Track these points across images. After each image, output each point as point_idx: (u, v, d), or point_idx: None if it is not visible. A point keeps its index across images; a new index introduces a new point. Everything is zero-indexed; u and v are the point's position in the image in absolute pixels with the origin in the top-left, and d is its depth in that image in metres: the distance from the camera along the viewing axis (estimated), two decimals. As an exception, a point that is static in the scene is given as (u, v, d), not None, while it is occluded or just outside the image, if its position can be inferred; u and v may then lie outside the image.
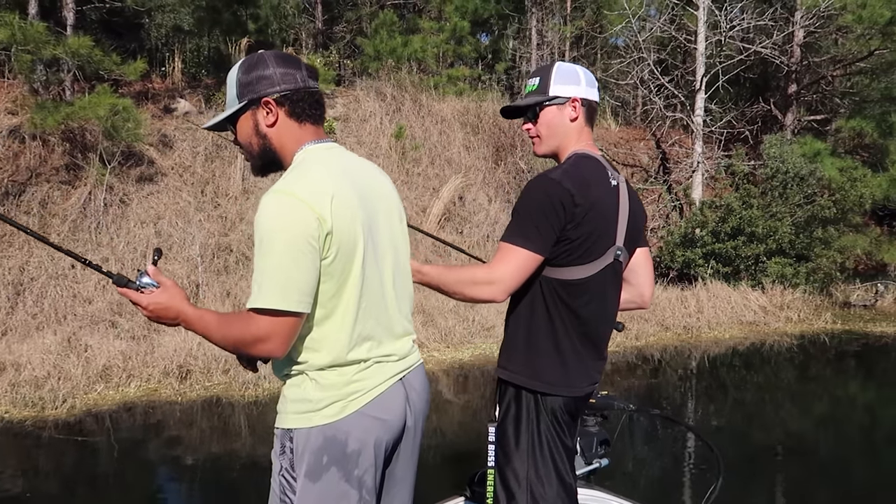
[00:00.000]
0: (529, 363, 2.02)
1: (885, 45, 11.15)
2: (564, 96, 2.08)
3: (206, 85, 11.90)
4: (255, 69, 1.71)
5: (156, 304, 1.67)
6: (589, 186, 1.96)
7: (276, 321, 1.56)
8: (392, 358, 1.76)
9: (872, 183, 10.98)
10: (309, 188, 1.59)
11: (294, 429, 1.67)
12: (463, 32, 14.52)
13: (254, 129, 1.74)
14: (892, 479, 4.68)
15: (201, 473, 4.66)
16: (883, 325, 9.54)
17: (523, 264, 1.93)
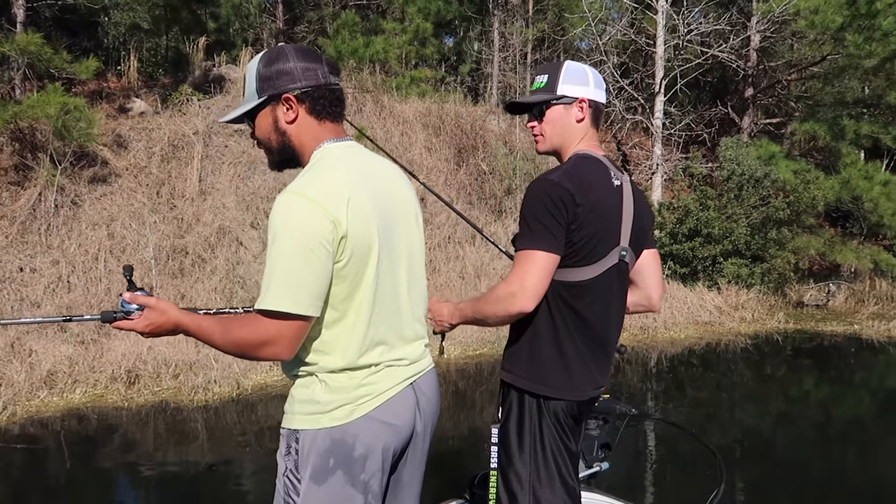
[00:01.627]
0: (533, 367, 2.00)
1: (836, 51, 11.39)
2: (572, 96, 2.05)
3: (163, 84, 11.72)
4: (275, 63, 1.68)
5: (151, 324, 1.66)
6: (590, 187, 1.94)
7: (283, 324, 1.53)
8: (403, 362, 1.74)
9: (825, 185, 11.21)
10: (324, 190, 1.56)
11: (300, 430, 1.65)
12: (426, 34, 14.50)
13: (273, 126, 1.71)
14: (844, 475, 4.77)
15: (146, 480, 4.57)
16: (834, 325, 9.74)
17: (542, 267, 1.90)
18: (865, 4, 10.31)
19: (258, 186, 10.49)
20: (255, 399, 6.04)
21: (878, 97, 11.49)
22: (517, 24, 16.29)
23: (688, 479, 4.63)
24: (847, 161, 11.65)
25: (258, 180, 10.58)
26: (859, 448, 5.41)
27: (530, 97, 2.11)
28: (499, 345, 8.15)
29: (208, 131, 10.76)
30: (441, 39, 16.13)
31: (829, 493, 4.44)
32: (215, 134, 10.85)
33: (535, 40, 16.63)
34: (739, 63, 13.44)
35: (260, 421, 5.63)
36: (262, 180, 10.60)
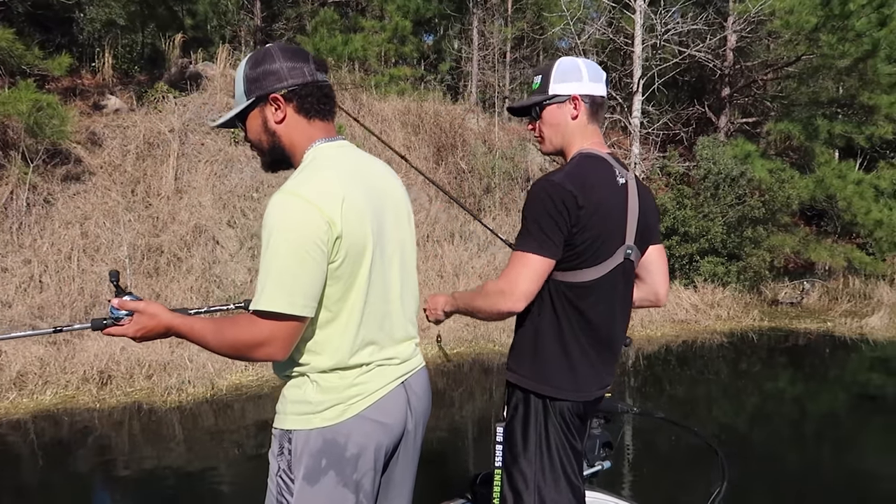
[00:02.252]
0: (537, 367, 2.00)
1: (811, 51, 11.51)
2: (564, 94, 2.04)
3: (139, 81, 11.59)
4: (261, 64, 1.69)
5: (142, 328, 1.66)
6: (593, 187, 1.93)
7: (278, 325, 1.53)
8: (394, 361, 1.74)
9: (800, 184, 11.34)
10: (319, 190, 1.56)
11: (293, 430, 1.65)
12: (405, 32, 14.45)
13: (262, 127, 1.72)
14: (819, 469, 4.83)
15: (119, 482, 4.51)
16: (807, 322, 9.86)
17: (535, 270, 1.91)
18: (839, 5, 10.43)
19: (235, 185, 10.41)
20: (230, 399, 5.99)
21: (852, 97, 11.63)
22: (497, 23, 16.30)
23: (690, 477, 4.64)
24: (821, 160, 11.78)
25: (235, 179, 10.51)
26: (833, 443, 5.48)
27: (525, 100, 2.12)
28: (475, 343, 8.16)
29: (184, 129, 10.66)
30: (420, 38, 16.10)
31: (804, 488, 4.49)
32: (191, 132, 10.75)
33: (515, 39, 16.64)
34: (716, 63, 13.55)
35: (235, 421, 5.59)
36: (239, 179, 10.52)
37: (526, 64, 17.03)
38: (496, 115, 13.85)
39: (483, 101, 15.67)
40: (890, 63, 10.87)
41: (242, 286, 9.37)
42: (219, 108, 11.31)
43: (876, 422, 6.19)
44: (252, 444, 5.17)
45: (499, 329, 8.43)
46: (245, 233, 9.97)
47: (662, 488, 4.48)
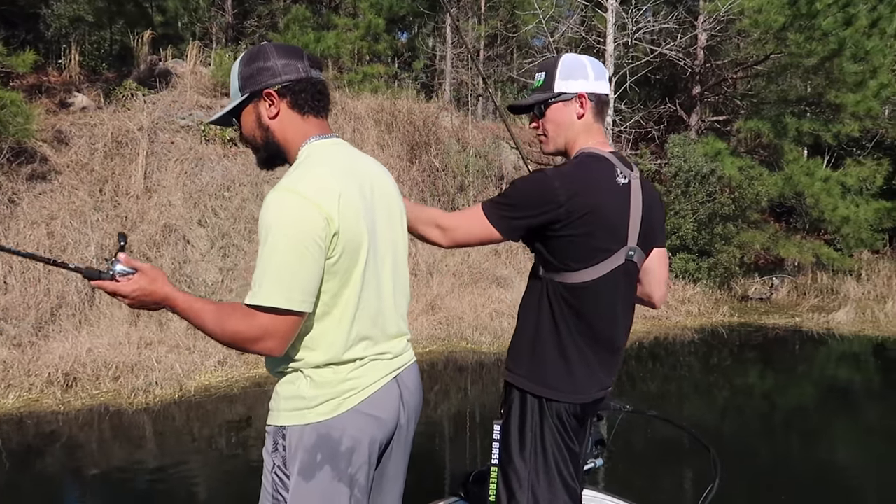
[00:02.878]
0: (535, 369, 1.98)
1: (779, 50, 11.66)
2: (570, 92, 2.00)
3: (107, 79, 11.42)
4: (255, 61, 1.71)
5: (140, 290, 1.64)
6: (588, 188, 1.90)
7: (277, 320, 1.54)
8: (387, 356, 1.75)
9: (769, 181, 11.48)
10: (316, 187, 1.58)
11: (287, 426, 1.65)
12: (378, 30, 14.41)
13: (256, 122, 1.74)
14: (789, 461, 4.89)
15: (85, 485, 4.45)
16: (776, 318, 10.00)
17: (480, 231, 1.93)
18: (806, 5, 10.57)
19: (206, 184, 10.30)
20: (199, 401, 5.93)
21: (819, 95, 11.80)
22: (470, 21, 16.31)
23: (682, 474, 4.68)
24: (790, 158, 11.94)
25: (206, 177, 10.39)
26: (802, 436, 5.58)
27: (529, 98, 2.06)
28: (448, 342, 8.16)
29: (154, 127, 10.52)
30: (394, 35, 16.05)
31: (774, 480, 4.55)
32: (161, 130, 10.61)
33: (488, 37, 16.66)
34: (687, 61, 13.67)
35: (205, 423, 5.54)
36: (210, 177, 10.42)
37: (499, 63, 17.06)
38: (470, 113, 13.86)
39: (457, 99, 15.67)
40: (855, 62, 11.04)
41: (214, 286, 9.28)
42: (189, 107, 11.19)
43: (843, 415, 6.29)
44: (222, 445, 5.12)
45: (472, 327, 8.44)
46: (216, 232, 9.88)
47: (654, 485, 4.50)
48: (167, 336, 7.02)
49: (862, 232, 11.75)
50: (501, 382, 2.11)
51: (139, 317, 7.67)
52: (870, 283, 11.60)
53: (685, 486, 4.45)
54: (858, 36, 10.66)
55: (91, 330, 6.94)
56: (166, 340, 6.93)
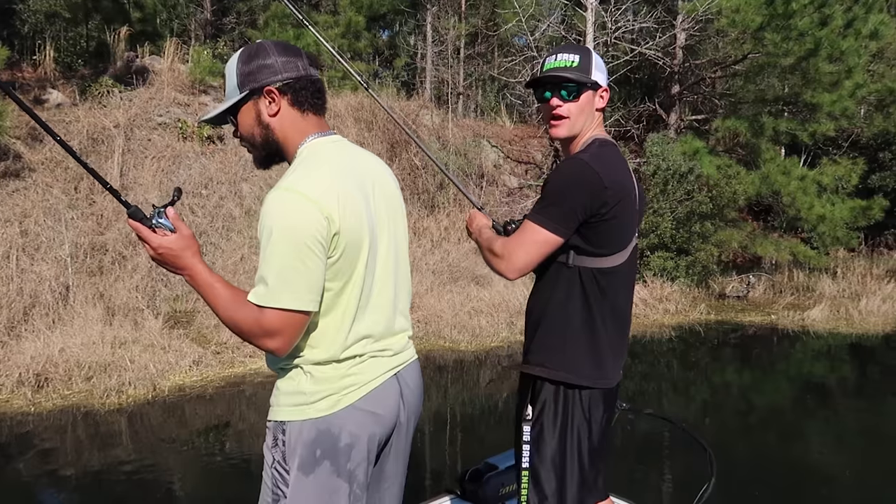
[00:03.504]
0: (570, 358, 1.98)
1: (756, 49, 11.74)
2: (601, 84, 2.05)
3: (82, 75, 11.29)
4: (255, 58, 1.69)
5: (167, 249, 1.62)
6: (617, 173, 1.95)
7: (284, 319, 1.55)
8: (387, 353, 1.75)
9: (746, 180, 11.57)
10: (317, 186, 1.57)
11: (287, 421, 1.66)
12: (358, 27, 14.36)
13: (256, 120, 1.72)
14: (765, 456, 4.92)
15: (58, 486, 4.39)
16: (752, 315, 10.08)
17: (541, 245, 1.90)
18: (782, 5, 10.66)
19: (183, 181, 10.22)
20: (173, 401, 5.88)
21: (796, 95, 11.89)
22: (452, 20, 16.29)
23: (678, 473, 4.67)
24: (767, 157, 12.03)
25: (183, 175, 10.32)
26: (779, 431, 5.62)
27: (570, 73, 1.99)
28: (427, 340, 8.15)
29: (130, 124, 10.43)
30: (375, 33, 16.01)
31: (750, 475, 4.58)
32: (138, 127, 10.52)
33: (469, 35, 16.65)
34: (666, 61, 13.75)
35: (179, 423, 5.49)
36: (188, 175, 10.34)
37: (480, 61, 17.06)
38: (450, 112, 13.85)
39: (437, 97, 15.64)
40: (831, 62, 11.15)
41: (191, 285, 9.21)
42: (166, 104, 11.10)
43: (819, 411, 6.36)
44: (196, 445, 5.08)
45: (450, 326, 8.44)
46: (193, 230, 9.78)
47: (651, 484, 4.50)
48: (142, 335, 6.95)
49: (837, 230, 11.87)
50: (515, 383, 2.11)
51: (113, 315, 7.59)
52: (845, 280, 11.72)
53: (679, 484, 4.46)
54: (834, 36, 10.76)
55: (64, 329, 6.86)
56: (140, 340, 6.87)
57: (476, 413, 6.10)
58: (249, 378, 6.54)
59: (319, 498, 1.66)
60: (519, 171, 14.14)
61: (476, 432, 5.54)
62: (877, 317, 9.87)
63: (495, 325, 8.59)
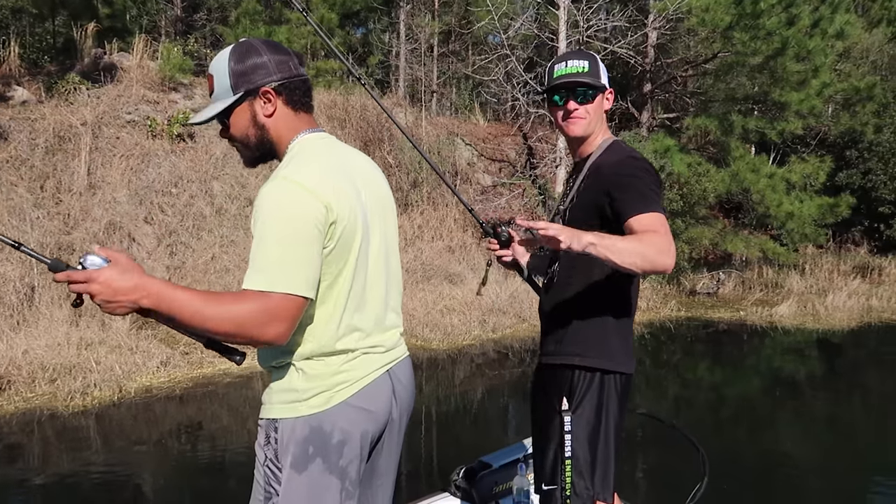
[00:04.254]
0: (609, 345, 2.07)
1: (726, 48, 11.87)
2: (608, 86, 2.18)
3: (49, 72, 11.10)
4: (248, 57, 1.66)
5: (106, 278, 1.42)
6: None
7: (284, 304, 1.50)
8: (379, 349, 1.74)
9: (716, 178, 11.69)
10: (314, 177, 1.57)
11: (279, 419, 1.65)
12: (331, 24, 14.27)
13: (251, 121, 1.69)
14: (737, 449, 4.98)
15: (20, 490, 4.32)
16: (721, 312, 10.21)
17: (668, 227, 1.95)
18: (750, 4, 10.78)
19: (153, 180, 10.10)
20: (140, 402, 5.81)
21: (765, 94, 12.04)
22: (426, 18, 16.26)
23: (670, 473, 4.68)
24: (736, 155, 12.17)
25: (152, 173, 10.19)
26: (750, 425, 5.71)
27: (585, 78, 2.10)
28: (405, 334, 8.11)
29: (98, 122, 10.27)
30: (348, 31, 15.93)
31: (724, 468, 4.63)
32: (106, 125, 10.37)
33: (442, 33, 16.64)
34: (638, 59, 13.84)
35: (145, 424, 5.43)
36: (157, 174, 10.21)
37: (454, 59, 17.05)
38: (424, 110, 13.83)
39: (411, 95, 15.61)
40: (798, 61, 11.31)
41: (160, 284, 9.10)
42: (135, 101, 10.95)
43: (787, 405, 6.45)
44: (164, 446, 5.03)
45: (422, 324, 8.43)
46: (163, 229, 9.69)
47: (644, 484, 4.52)
48: (109, 336, 6.86)
49: (806, 227, 12.04)
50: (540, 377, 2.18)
51: (80, 316, 7.48)
52: (812, 276, 11.91)
53: (670, 484, 4.47)
54: (801, 36, 10.91)
55: (29, 331, 6.75)
56: (108, 341, 6.78)
57: (451, 411, 6.11)
58: (218, 378, 6.48)
59: (312, 495, 1.65)
60: (493, 169, 14.16)
61: (451, 431, 5.55)
62: (842, 312, 10.05)
63: (467, 324, 8.60)
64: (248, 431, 5.46)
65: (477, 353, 7.97)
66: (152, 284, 1.45)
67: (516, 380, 7.17)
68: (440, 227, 12.18)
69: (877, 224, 14.53)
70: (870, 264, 13.04)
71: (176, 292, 1.47)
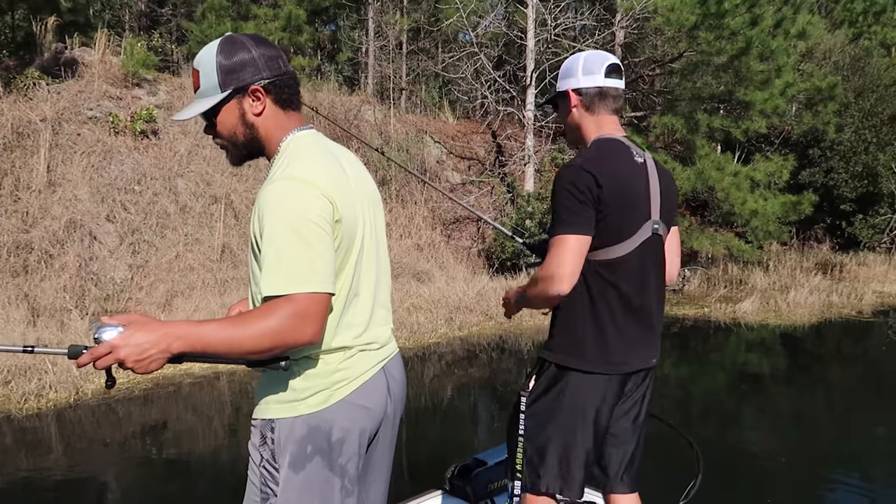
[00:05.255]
0: (570, 343, 2.09)
1: (691, 48, 11.99)
2: (562, 90, 2.20)
3: (7, 67, 10.85)
4: (236, 53, 1.63)
5: (131, 343, 1.40)
6: (612, 167, 2.03)
7: (310, 303, 1.48)
8: (373, 346, 1.74)
9: (682, 176, 11.80)
10: (319, 176, 1.56)
11: (276, 419, 1.63)
12: (299, 21, 14.14)
13: (240, 119, 1.67)
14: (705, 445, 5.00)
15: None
16: (687, 308, 10.32)
17: (572, 249, 1.98)
18: (715, 4, 10.89)
19: (115, 177, 9.93)
20: (97, 404, 5.70)
21: (730, 93, 12.18)
22: (395, 15, 16.20)
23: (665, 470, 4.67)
24: (702, 153, 12.29)
25: (115, 171, 10.02)
26: (717, 420, 5.78)
27: (550, 95, 2.30)
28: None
29: (58, 118, 10.07)
30: (317, 27, 15.81)
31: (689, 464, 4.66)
32: (66, 121, 10.17)
33: (412, 31, 16.59)
34: (606, 58, 13.91)
35: (101, 427, 5.33)
36: (119, 171, 10.04)
37: (422, 57, 17.01)
38: (392, 107, 13.78)
39: (380, 92, 15.55)
40: (762, 61, 11.46)
41: (123, 284, 8.96)
42: (97, 97, 10.75)
43: (751, 399, 6.53)
44: (123, 448, 4.94)
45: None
46: (126, 228, 9.54)
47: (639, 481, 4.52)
48: (67, 337, 6.74)
49: (770, 225, 12.21)
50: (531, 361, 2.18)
51: (38, 316, 7.35)
52: (776, 273, 12.10)
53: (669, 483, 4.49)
54: (764, 36, 11.06)
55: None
56: (66, 342, 6.65)
57: (421, 409, 6.09)
58: (179, 379, 6.39)
59: (311, 494, 1.64)
60: (462, 166, 14.16)
61: (419, 430, 5.52)
62: (803, 308, 10.22)
63: (434, 322, 8.59)
64: (213, 432, 5.40)
65: (444, 351, 7.97)
66: (176, 328, 1.45)
67: (486, 377, 7.18)
68: (409, 224, 12.15)
69: (839, 221, 14.81)
70: (831, 261, 13.29)
71: (202, 328, 1.46)
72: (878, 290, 11.42)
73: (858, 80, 14.74)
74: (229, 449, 4.97)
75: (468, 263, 12.05)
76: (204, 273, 9.46)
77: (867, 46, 16.33)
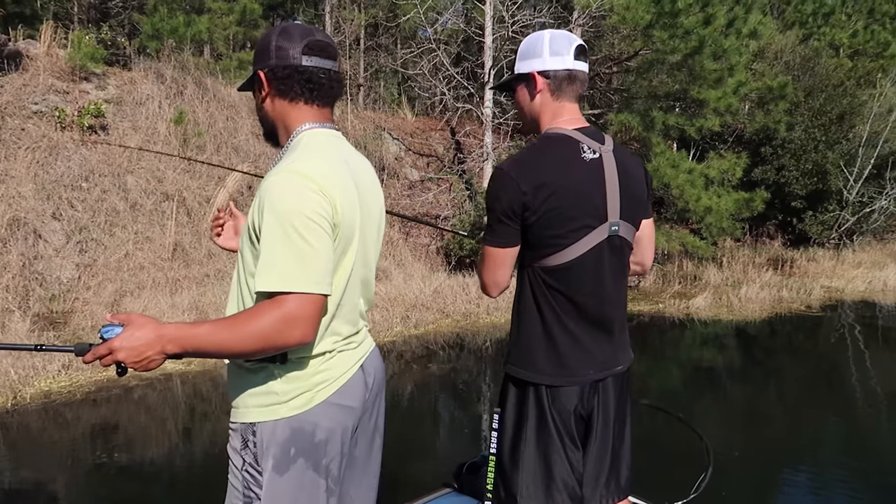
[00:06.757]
0: (522, 355, 1.99)
1: (647, 46, 12.11)
2: (525, 72, 2.00)
3: (-52, 59, 10.45)
4: (266, 38, 1.71)
5: (127, 346, 1.46)
6: (548, 169, 1.88)
7: (303, 304, 1.47)
8: (352, 345, 1.74)
9: (637, 173, 11.90)
10: (323, 175, 1.54)
11: (258, 422, 1.61)
12: (254, 15, 13.95)
13: (257, 99, 1.77)
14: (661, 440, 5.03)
15: None
16: (642, 304, 10.43)
17: (495, 260, 1.94)
18: (669, 3, 11.01)
19: (61, 174, 9.65)
20: (37, 408, 5.52)
21: (684, 91, 12.34)
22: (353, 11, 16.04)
23: (674, 463, 4.63)
24: (657, 150, 12.43)
25: (61, 167, 9.73)
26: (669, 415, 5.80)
27: (503, 79, 2.13)
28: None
29: (1, 112, 9.74)
30: (272, 22, 15.58)
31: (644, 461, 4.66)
32: (10, 116, 9.85)
33: (369, 26, 16.45)
34: (564, 55, 13.98)
35: (44, 432, 5.15)
36: (66, 167, 9.76)
37: (380, 53, 16.89)
38: (349, 103, 13.65)
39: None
40: (715, 60, 11.62)
41: (69, 283, 8.71)
42: (42, 91, 10.43)
43: (706, 393, 6.61)
44: (70, 453, 4.78)
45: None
46: (73, 226, 9.27)
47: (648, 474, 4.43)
48: (6, 339, 6.51)
49: (723, 221, 12.39)
50: None
51: (-22, 318, 7.09)
52: (729, 269, 12.30)
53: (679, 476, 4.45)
54: (717, 35, 11.22)
55: (-83, 334, 6.35)
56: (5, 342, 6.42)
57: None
58: (124, 381, 6.22)
59: (295, 496, 1.62)
60: (421, 163, 14.10)
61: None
62: (755, 303, 10.41)
63: (389, 320, 8.53)
64: (167, 434, 5.29)
65: (402, 350, 7.91)
66: (170, 331, 1.48)
67: (444, 375, 7.14)
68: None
69: (790, 218, 15.12)
70: (782, 257, 13.56)
71: (195, 329, 1.49)
72: (826, 285, 11.69)
73: (808, 79, 15.06)
74: (183, 453, 4.86)
75: (426, 261, 12.00)
76: (155, 272, 9.25)
77: (817, 47, 16.70)
